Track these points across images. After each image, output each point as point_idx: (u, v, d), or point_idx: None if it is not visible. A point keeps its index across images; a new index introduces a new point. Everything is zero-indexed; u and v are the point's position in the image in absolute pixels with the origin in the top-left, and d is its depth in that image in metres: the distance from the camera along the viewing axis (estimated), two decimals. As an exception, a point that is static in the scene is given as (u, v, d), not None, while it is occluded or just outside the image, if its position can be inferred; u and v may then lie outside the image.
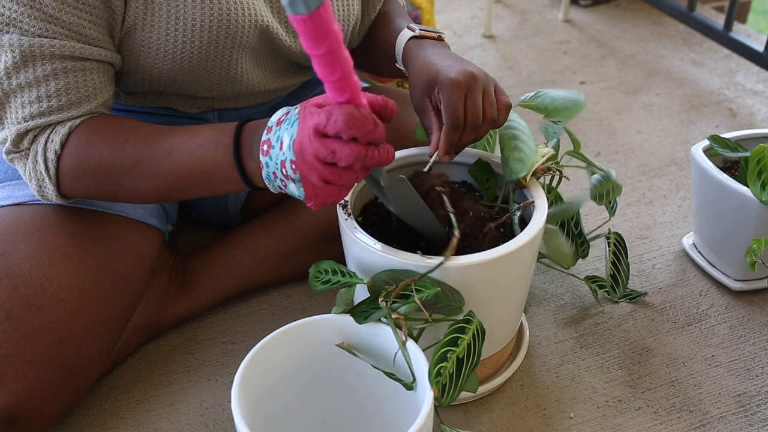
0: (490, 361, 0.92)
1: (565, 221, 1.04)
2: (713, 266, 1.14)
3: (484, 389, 0.93)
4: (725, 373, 0.99)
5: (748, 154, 1.03)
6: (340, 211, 0.85)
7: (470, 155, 0.94)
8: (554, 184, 0.98)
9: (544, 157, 0.90)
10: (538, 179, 0.90)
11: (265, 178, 0.77)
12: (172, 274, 1.06)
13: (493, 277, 0.80)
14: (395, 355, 0.75)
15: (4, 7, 0.77)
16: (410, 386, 0.74)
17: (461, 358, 0.73)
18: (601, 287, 1.10)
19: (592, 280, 1.10)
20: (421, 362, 0.72)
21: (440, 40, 0.93)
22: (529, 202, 0.87)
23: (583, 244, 1.06)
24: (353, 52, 1.02)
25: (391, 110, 0.73)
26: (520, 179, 0.88)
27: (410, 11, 1.52)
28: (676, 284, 1.14)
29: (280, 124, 0.75)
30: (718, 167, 1.07)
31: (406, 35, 0.93)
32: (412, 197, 0.81)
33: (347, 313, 0.78)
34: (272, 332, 0.77)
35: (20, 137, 0.82)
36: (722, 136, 1.10)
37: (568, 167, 0.98)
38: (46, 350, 0.83)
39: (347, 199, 0.86)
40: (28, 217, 0.88)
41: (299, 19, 0.58)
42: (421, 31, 0.92)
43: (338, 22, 0.89)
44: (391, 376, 0.74)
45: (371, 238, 0.80)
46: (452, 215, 0.81)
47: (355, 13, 1.00)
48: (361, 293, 0.81)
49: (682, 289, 1.13)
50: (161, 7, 0.85)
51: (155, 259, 0.99)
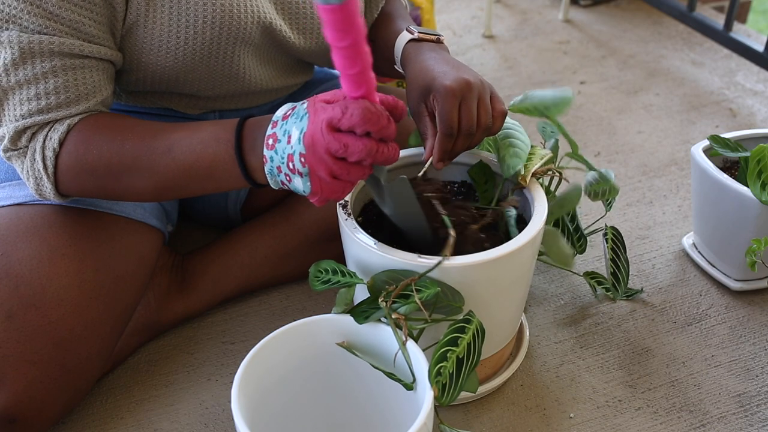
0: (490, 361, 0.92)
1: (560, 218, 1.04)
2: (713, 266, 1.14)
3: (484, 389, 0.93)
4: (725, 373, 0.99)
5: (748, 154, 1.03)
6: (340, 211, 0.85)
7: (472, 156, 0.94)
8: (553, 187, 0.98)
9: (542, 159, 0.90)
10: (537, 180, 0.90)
11: (267, 172, 0.77)
12: (172, 274, 1.06)
13: (493, 277, 0.80)
14: (395, 355, 0.75)
15: (4, 3, 0.77)
16: (410, 386, 0.74)
17: (461, 357, 0.73)
18: (599, 284, 1.10)
19: (590, 276, 1.10)
20: (421, 362, 0.72)
21: (439, 42, 0.93)
22: (513, 200, 0.87)
23: (580, 239, 1.06)
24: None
25: (401, 110, 0.75)
26: (519, 180, 0.88)
27: (410, 11, 1.52)
28: (676, 284, 1.14)
29: (286, 118, 0.75)
30: (718, 167, 1.07)
31: (404, 38, 0.93)
32: (410, 198, 0.81)
33: (347, 313, 0.78)
34: (272, 332, 0.77)
35: (18, 135, 0.82)
36: (722, 136, 1.09)
37: (567, 169, 0.98)
38: (46, 350, 0.83)
39: (347, 199, 0.87)
40: (28, 217, 0.88)
41: (329, 8, 0.58)
42: (419, 33, 0.92)
43: None
44: (391, 376, 0.74)
45: (371, 238, 0.80)
46: (445, 217, 0.81)
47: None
48: (361, 293, 0.81)
49: (682, 289, 1.13)
50: (163, 3, 0.85)
51: (155, 259, 0.99)
